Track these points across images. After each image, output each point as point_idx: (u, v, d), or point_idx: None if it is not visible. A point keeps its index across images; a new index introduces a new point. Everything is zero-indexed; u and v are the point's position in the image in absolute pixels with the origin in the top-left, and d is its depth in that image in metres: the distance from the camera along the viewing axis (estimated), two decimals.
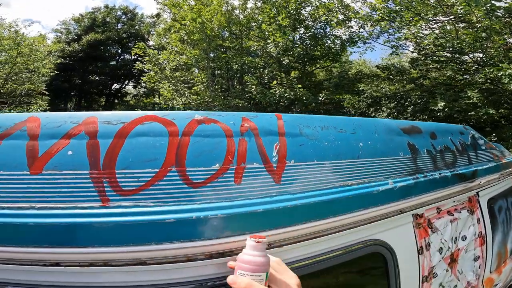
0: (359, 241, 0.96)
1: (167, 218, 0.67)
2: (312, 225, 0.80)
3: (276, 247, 0.75)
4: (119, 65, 22.65)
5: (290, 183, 0.83)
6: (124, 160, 0.72)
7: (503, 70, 4.38)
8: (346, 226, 0.89)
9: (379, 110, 10.50)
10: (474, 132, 2.35)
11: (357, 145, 1.08)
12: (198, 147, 0.79)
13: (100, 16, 22.30)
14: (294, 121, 0.98)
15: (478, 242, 1.81)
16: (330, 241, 0.87)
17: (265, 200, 0.77)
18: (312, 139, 0.96)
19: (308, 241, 0.80)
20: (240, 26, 10.84)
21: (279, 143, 0.88)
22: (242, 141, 0.84)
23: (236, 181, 0.77)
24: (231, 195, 0.75)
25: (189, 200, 0.71)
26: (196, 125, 0.83)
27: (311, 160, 0.90)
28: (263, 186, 0.79)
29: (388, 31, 8.28)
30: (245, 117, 0.90)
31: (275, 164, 0.83)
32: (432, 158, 1.49)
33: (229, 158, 0.79)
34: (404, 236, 1.19)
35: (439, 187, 1.40)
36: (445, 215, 1.50)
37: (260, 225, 0.73)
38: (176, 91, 9.56)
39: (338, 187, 0.91)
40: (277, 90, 7.98)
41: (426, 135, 1.58)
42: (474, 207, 1.82)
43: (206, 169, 0.76)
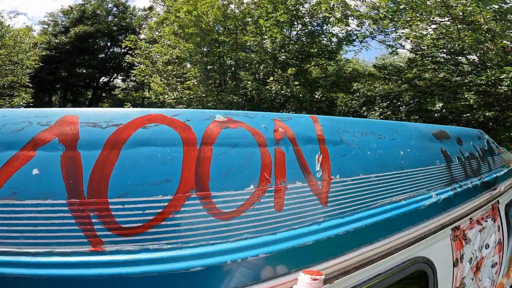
0: (405, 261, 0.84)
1: (192, 266, 0.48)
2: (365, 251, 0.65)
3: (326, 282, 0.60)
4: (108, 58, 21.99)
5: (337, 204, 0.67)
6: (120, 182, 0.50)
7: (506, 72, 4.36)
8: (396, 246, 0.76)
9: (371, 109, 10.52)
10: (488, 137, 2.28)
11: (398, 153, 0.94)
12: (225, 162, 0.58)
13: (90, 8, 21.58)
14: (332, 125, 0.82)
15: (497, 249, 1.78)
16: (378, 266, 0.74)
17: (312, 228, 0.61)
18: (354, 147, 0.81)
19: (359, 270, 0.66)
20: (235, 21, 10.59)
21: (321, 154, 0.72)
22: (279, 152, 0.67)
23: (277, 207, 0.59)
24: (272, 226, 0.57)
25: (219, 237, 0.52)
26: (219, 129, 0.61)
27: (356, 174, 0.75)
28: (308, 210, 0.63)
29: (385, 30, 8.24)
30: (277, 119, 0.72)
31: (320, 181, 0.67)
32: (463, 166, 1.38)
33: (265, 175, 0.61)
34: (443, 251, 1.11)
35: (472, 196, 1.33)
36: (475, 225, 1.44)
37: (310, 259, 0.57)
38: (168, 86, 9.26)
39: (385, 204, 0.78)
40: (273, 87, 7.82)
41: (454, 140, 1.47)
42: (496, 214, 1.77)
43: (238, 194, 0.56)
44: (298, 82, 8.66)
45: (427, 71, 8.00)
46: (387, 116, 9.43)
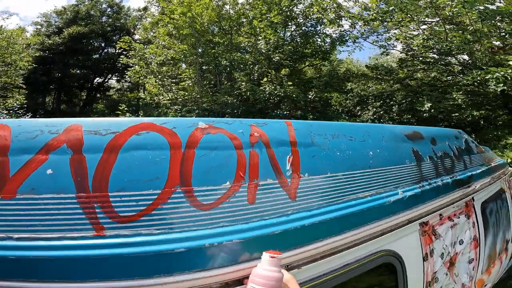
0: (372, 253, 0.93)
1: (176, 247, 0.58)
2: (330, 242, 0.75)
3: (293, 268, 0.70)
4: (102, 58, 21.88)
5: (305, 199, 0.77)
6: (118, 180, 0.61)
7: (491, 73, 4.50)
8: (361, 239, 0.85)
9: (365, 108, 10.66)
10: (467, 136, 2.38)
11: (367, 154, 1.04)
12: (205, 162, 0.70)
13: (84, 8, 21.45)
14: (305, 129, 0.92)
15: (473, 245, 1.84)
16: (345, 256, 0.83)
17: (281, 219, 0.70)
18: (324, 149, 0.90)
19: (325, 258, 0.75)
20: (230, 22, 10.66)
21: (292, 155, 0.82)
22: (253, 153, 0.76)
23: (250, 200, 0.69)
24: (245, 216, 0.67)
25: (199, 225, 0.63)
26: (201, 135, 0.73)
27: (324, 172, 0.84)
28: (278, 204, 0.72)
29: (378, 31, 8.38)
30: (254, 125, 0.82)
31: (289, 179, 0.77)
32: (434, 165, 1.48)
33: (240, 174, 0.72)
34: (411, 244, 1.18)
35: (442, 193, 1.41)
36: (446, 221, 1.50)
37: (278, 246, 0.66)
38: (163, 86, 9.30)
39: (351, 200, 0.87)
40: (267, 87, 7.91)
41: (428, 140, 1.57)
42: (470, 211, 1.84)
43: (216, 188, 0.67)
44: (292, 83, 8.76)
45: (417, 71, 8.15)
46: (381, 116, 9.58)
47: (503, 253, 2.43)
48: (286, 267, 0.68)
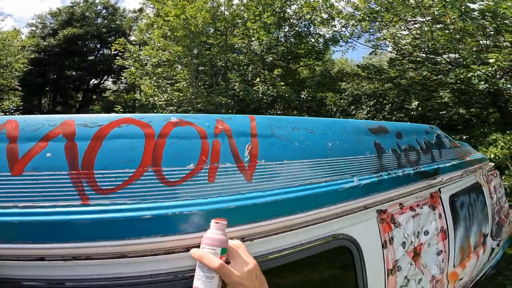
0: (326, 236, 1.03)
1: (144, 214, 0.73)
2: (281, 220, 0.87)
3: (247, 240, 0.83)
4: (98, 60, 21.90)
5: (260, 181, 0.90)
6: (102, 161, 0.77)
7: (473, 71, 4.66)
8: (313, 221, 0.96)
9: (359, 108, 10.83)
10: (440, 132, 2.50)
11: (325, 145, 1.17)
12: (174, 148, 0.85)
13: (79, 10, 21.46)
14: (266, 123, 1.05)
15: (440, 236, 1.88)
16: (298, 235, 0.94)
17: (236, 197, 0.84)
18: (283, 139, 1.04)
19: (277, 235, 0.88)
20: (225, 23, 10.80)
21: (251, 144, 0.95)
22: (216, 142, 0.90)
23: (210, 180, 0.84)
24: (205, 193, 0.82)
25: (165, 197, 0.78)
26: (172, 127, 0.89)
27: (281, 159, 0.98)
28: (235, 184, 0.86)
29: (369, 31, 8.55)
30: (219, 119, 0.97)
31: (247, 163, 0.91)
32: (397, 157, 1.59)
33: (203, 158, 0.86)
34: (368, 231, 1.25)
35: (402, 184, 1.49)
36: (407, 210, 1.57)
37: (232, 220, 0.80)
38: (158, 88, 9.42)
39: (306, 184, 1.00)
40: (260, 88, 8.05)
41: (393, 134, 1.70)
42: (436, 203, 1.90)
43: (182, 169, 0.82)
44: (286, 83, 8.91)
45: (407, 70, 8.32)
46: (374, 115, 9.74)
47: (480, 247, 2.47)
48: (241, 239, 0.81)
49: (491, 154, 5.12)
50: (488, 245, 2.65)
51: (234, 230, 0.80)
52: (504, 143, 5.23)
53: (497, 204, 3.19)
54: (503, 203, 3.50)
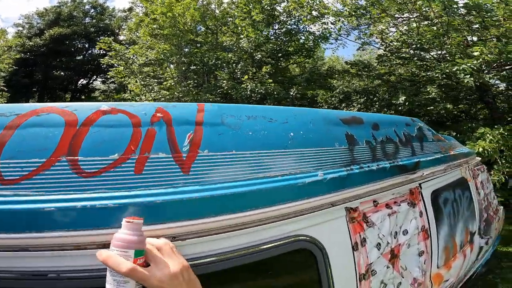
0: (280, 237, 0.90)
1: (46, 207, 0.64)
2: (223, 218, 0.76)
3: (179, 240, 0.72)
4: (86, 60, 21.51)
5: (201, 173, 0.79)
6: (10, 150, 0.69)
7: (458, 65, 4.63)
8: (264, 220, 0.85)
9: (350, 105, 10.80)
10: (422, 124, 2.41)
11: (286, 135, 1.06)
12: (98, 137, 0.75)
13: (66, 10, 21.09)
14: (217, 111, 0.94)
15: (422, 236, 1.75)
16: (246, 236, 0.83)
17: (167, 191, 0.73)
18: (234, 128, 0.93)
19: (218, 235, 0.77)
20: (215, 21, 10.66)
21: (194, 133, 0.84)
22: (151, 130, 0.80)
23: (137, 171, 0.74)
24: (129, 185, 0.71)
25: (77, 190, 0.68)
26: (100, 115, 0.79)
27: (229, 150, 0.87)
28: (167, 176, 0.75)
29: (359, 28, 8.51)
30: (160, 108, 0.86)
31: (185, 154, 0.80)
32: (371, 149, 1.47)
33: (131, 148, 0.75)
34: (336, 231, 1.11)
35: (376, 178, 1.36)
36: (382, 208, 1.42)
37: (159, 216, 0.69)
38: (145, 86, 9.23)
39: (257, 178, 0.89)
40: (248, 85, 7.94)
41: (368, 126, 1.59)
42: (416, 199, 1.76)
43: (103, 159, 0.73)
44: (275, 80, 8.80)
45: (396, 67, 8.32)
46: (365, 112, 9.71)
47: (467, 246, 2.36)
48: (172, 238, 0.70)
49: (479, 148, 5.09)
50: (476, 243, 2.54)
51: (161, 227, 0.70)
52: (492, 136, 5.21)
53: (485, 200, 3.08)
54: (491, 199, 3.39)
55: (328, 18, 8.89)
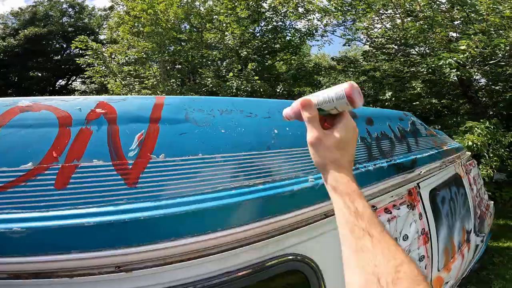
0: (263, 259, 0.72)
1: None
2: (184, 243, 0.57)
3: (123, 271, 0.52)
4: (63, 60, 20.65)
5: (152, 186, 0.59)
6: None
7: (443, 59, 4.60)
8: (241, 241, 0.66)
9: None
10: (415, 118, 2.29)
11: (269, 132, 0.88)
12: (7, 142, 0.53)
13: (42, 9, 20.25)
14: (180, 104, 0.74)
15: (422, 240, 1.64)
16: (218, 263, 0.64)
17: (104, 210, 0.53)
18: (202, 125, 0.73)
19: (178, 263, 0.57)
20: (200, 19, 10.37)
21: (146, 132, 0.64)
22: (85, 131, 0.59)
23: (58, 185, 0.53)
24: (47, 204, 0.52)
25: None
26: (15, 114, 0.58)
27: (193, 153, 0.67)
28: (105, 191, 0.55)
29: (345, 24, 8.45)
30: (103, 102, 0.65)
31: (132, 160, 0.59)
32: (367, 147, 1.32)
33: (53, 154, 0.54)
34: (331, 247, 0.89)
35: (374, 180, 1.21)
36: (381, 214, 1.30)
37: (90, 242, 0.50)
38: (125, 86, 8.83)
39: (232, 189, 0.70)
40: (234, 83, 7.73)
41: (362, 120, 1.43)
42: (415, 200, 1.64)
43: (11, 170, 0.52)
44: (262, 78, 8.62)
45: (381, 62, 8.31)
46: None
47: (464, 245, 2.28)
48: (116, 268, 0.52)
49: (468, 141, 5.09)
50: (473, 242, 2.46)
51: (96, 255, 0.50)
52: (480, 130, 5.23)
53: (477, 196, 3.01)
54: (482, 194, 3.33)
55: (314, 14, 8.79)
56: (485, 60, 5.82)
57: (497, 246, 4.99)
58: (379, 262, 0.49)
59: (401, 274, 0.47)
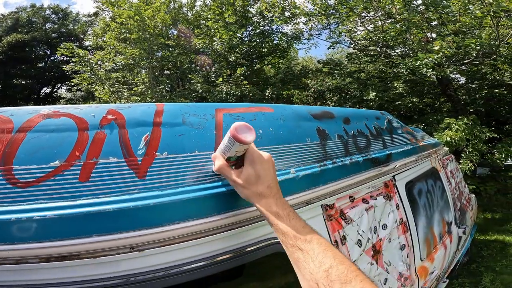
0: (255, 241, 0.84)
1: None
2: (188, 225, 0.70)
3: (136, 250, 0.65)
4: (48, 67, 20.26)
5: (159, 178, 0.72)
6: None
7: (420, 60, 4.85)
8: (234, 224, 0.79)
9: (325, 103, 11.02)
10: (391, 117, 2.46)
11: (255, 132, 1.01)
12: (35, 144, 0.66)
13: (25, 15, 19.84)
14: (178, 110, 0.87)
15: (401, 229, 1.74)
16: (216, 243, 0.77)
17: (121, 198, 0.65)
18: (197, 128, 0.86)
19: (184, 243, 0.70)
20: (188, 24, 10.46)
21: (151, 134, 0.77)
22: (100, 134, 0.71)
23: (82, 179, 0.66)
24: (73, 194, 0.64)
25: (14, 201, 0.60)
26: (39, 120, 0.70)
27: (191, 151, 0.80)
28: (120, 183, 0.67)
29: (329, 27, 8.71)
30: (112, 109, 0.78)
31: (141, 157, 0.72)
32: (344, 143, 1.45)
33: (76, 153, 0.67)
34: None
35: (350, 173, 1.34)
36: (359, 203, 1.41)
37: (111, 225, 0.62)
38: (114, 93, 8.81)
39: (225, 180, 0.83)
40: (223, 88, 7.85)
41: (339, 120, 1.58)
42: (392, 192, 1.76)
43: (41, 167, 0.64)
44: (251, 82, 8.78)
45: (362, 64, 8.59)
46: None
47: (446, 236, 2.40)
48: (130, 248, 0.64)
49: (447, 137, 5.32)
50: (455, 233, 2.60)
51: (115, 237, 0.64)
52: (458, 126, 5.47)
53: (456, 189, 3.16)
54: (462, 187, 3.47)
55: (300, 18, 9.03)
56: (461, 60, 6.13)
57: (484, 239, 5.15)
58: (312, 269, 0.57)
59: (332, 276, 0.55)
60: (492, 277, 3.80)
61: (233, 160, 0.74)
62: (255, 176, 0.71)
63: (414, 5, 5.31)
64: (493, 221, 6.40)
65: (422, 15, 5.58)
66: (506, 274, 3.87)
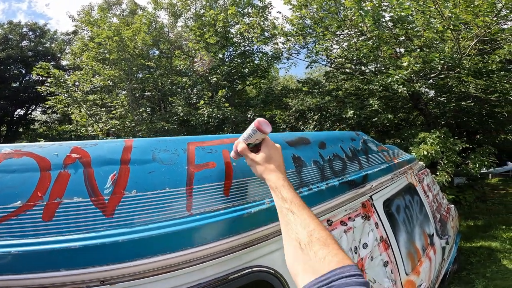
0: (231, 271, 0.84)
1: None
2: (159, 259, 0.68)
3: (107, 284, 0.63)
4: (22, 87, 19.43)
5: (127, 215, 0.71)
6: None
7: (392, 76, 5.10)
8: (211, 256, 0.78)
9: (306, 122, 11.25)
10: (366, 137, 2.53)
11: (229, 165, 1.02)
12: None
13: (1, 32, 19.20)
14: (148, 146, 0.87)
15: (382, 246, 1.78)
16: (191, 274, 0.76)
17: (88, 235, 0.66)
18: (168, 164, 0.86)
19: (157, 276, 0.68)
20: (169, 45, 10.52)
21: (118, 172, 0.75)
22: (63, 174, 0.69)
23: (45, 218, 0.66)
24: (37, 232, 0.65)
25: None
26: (1, 160, 0.68)
27: (161, 188, 0.79)
28: (86, 221, 0.67)
29: (307, 46, 9.06)
30: (77, 147, 0.76)
31: (108, 196, 0.71)
32: (320, 169, 1.48)
33: (38, 194, 0.66)
34: None
35: (327, 198, 1.37)
36: (337, 226, 1.44)
37: (82, 260, 0.63)
38: (91, 116, 8.58)
39: (199, 214, 0.82)
40: (205, 110, 7.83)
41: (315, 145, 1.61)
42: (369, 212, 1.80)
43: (3, 207, 0.65)
44: (233, 104, 8.84)
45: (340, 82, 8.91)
46: (319, 128, 10.16)
47: (429, 248, 2.43)
48: (101, 282, 0.62)
49: (423, 151, 5.50)
50: (438, 244, 2.64)
51: (82, 272, 0.63)
52: (432, 139, 5.69)
53: (434, 202, 3.24)
54: (440, 199, 3.57)
55: (280, 38, 9.36)
56: (428, 74, 6.48)
57: (471, 247, 5.22)
58: (298, 230, 0.68)
59: (313, 238, 0.65)
60: (485, 283, 3.78)
61: (251, 146, 0.92)
62: (269, 156, 0.88)
63: (383, 22, 5.63)
64: (476, 228, 6.54)
65: (390, 31, 5.89)
66: (498, 280, 3.86)
